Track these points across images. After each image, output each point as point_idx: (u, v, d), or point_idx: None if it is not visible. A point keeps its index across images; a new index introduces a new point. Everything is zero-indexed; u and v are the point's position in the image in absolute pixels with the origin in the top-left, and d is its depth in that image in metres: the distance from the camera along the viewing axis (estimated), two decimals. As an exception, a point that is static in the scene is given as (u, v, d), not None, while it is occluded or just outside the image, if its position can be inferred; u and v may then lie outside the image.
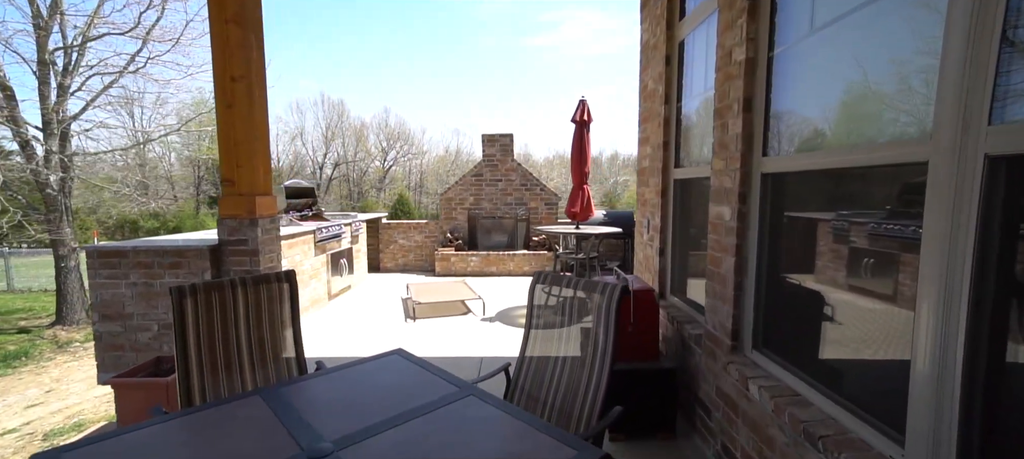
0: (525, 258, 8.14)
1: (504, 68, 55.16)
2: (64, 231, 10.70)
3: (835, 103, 1.83)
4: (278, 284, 2.19)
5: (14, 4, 10.29)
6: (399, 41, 53.89)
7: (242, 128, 3.77)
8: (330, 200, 47.05)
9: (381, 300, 6.36)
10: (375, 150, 50.27)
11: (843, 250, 1.79)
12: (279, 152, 46.25)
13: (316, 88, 58.17)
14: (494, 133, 8.45)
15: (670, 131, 3.40)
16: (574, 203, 5.46)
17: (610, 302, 1.89)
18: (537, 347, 2.16)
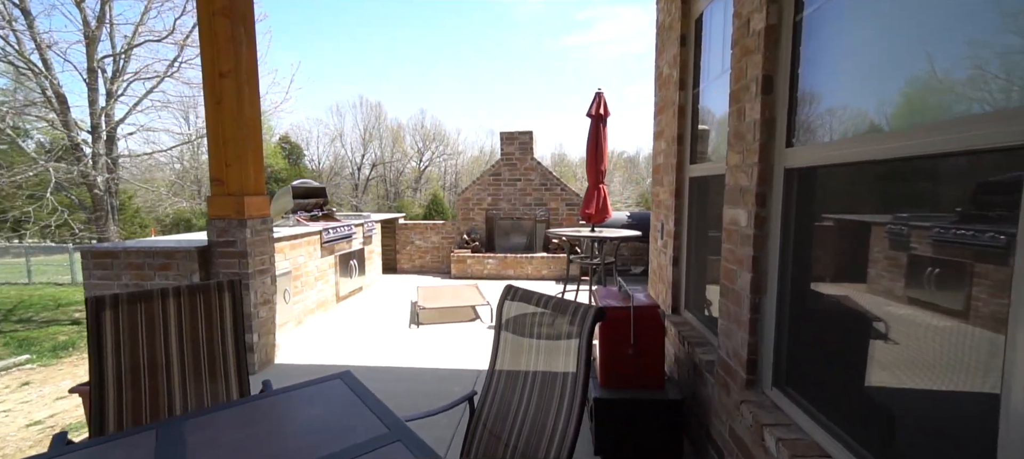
0: (544, 261, 7.77)
1: (539, 67, 54.80)
2: (109, 229, 11.27)
3: (885, 75, 1.40)
4: (218, 294, 1.96)
5: (66, 15, 10.93)
6: (435, 43, 54.54)
7: (231, 126, 3.63)
8: (367, 200, 48.31)
9: (390, 303, 6.18)
10: (411, 151, 51.18)
11: (898, 258, 1.35)
12: (319, 153, 47.90)
13: (355, 91, 59.83)
14: (513, 131, 8.13)
15: (685, 122, 2.97)
16: (589, 204, 5.06)
17: (582, 330, 1.53)
18: (503, 378, 1.83)
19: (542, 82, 54.60)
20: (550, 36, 55.68)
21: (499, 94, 54.07)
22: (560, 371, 1.60)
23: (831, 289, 1.65)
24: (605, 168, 5.10)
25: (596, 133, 5.00)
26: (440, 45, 55.26)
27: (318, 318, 5.42)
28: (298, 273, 5.06)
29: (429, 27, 55.24)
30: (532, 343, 1.74)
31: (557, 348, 1.62)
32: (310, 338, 4.73)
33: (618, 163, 50.20)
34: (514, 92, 54.45)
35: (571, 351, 1.55)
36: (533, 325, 1.75)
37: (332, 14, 52.88)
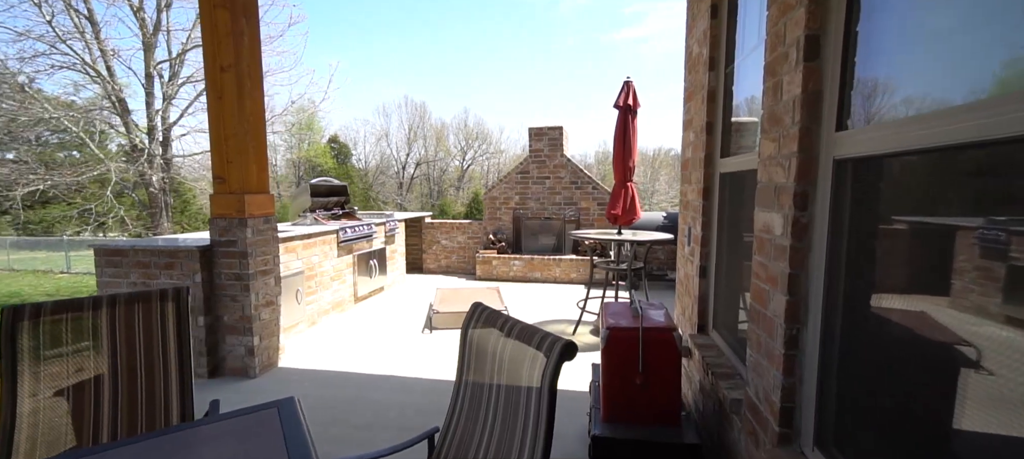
0: (572, 264, 7.35)
1: (587, 64, 53.91)
2: (163, 225, 11.94)
3: (985, 23, 0.95)
4: (161, 304, 1.76)
5: (127, 24, 11.65)
6: (479, 42, 54.88)
7: (232, 122, 3.52)
8: (411, 198, 49.45)
9: (410, 305, 6.00)
10: (454, 150, 51.94)
11: (996, 270, 0.91)
12: (366, 153, 49.59)
13: (401, 92, 61.35)
14: (542, 126, 7.76)
15: (715, 107, 2.51)
16: (615, 204, 4.62)
17: (546, 364, 1.18)
18: (462, 417, 1.50)
19: (589, 79, 53.61)
20: (598, 31, 54.50)
21: (544, 92, 53.65)
22: (520, 409, 1.26)
23: (899, 316, 1.20)
24: (634, 165, 4.63)
25: (624, 126, 4.55)
26: (483, 44, 55.53)
27: (333, 319, 5.32)
28: (312, 273, 4.96)
29: (472, 25, 55.65)
30: (492, 382, 1.40)
31: (517, 392, 1.28)
32: (321, 340, 4.61)
33: (664, 161, 48.40)
34: (560, 90, 53.83)
35: (532, 394, 1.21)
36: (495, 357, 1.41)
37: (377, 15, 54.41)
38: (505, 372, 1.35)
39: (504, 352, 1.37)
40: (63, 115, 10.73)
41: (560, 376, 1.21)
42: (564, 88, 54.01)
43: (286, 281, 4.50)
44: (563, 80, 54.31)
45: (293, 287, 4.64)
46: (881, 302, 1.25)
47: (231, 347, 3.67)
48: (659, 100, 49.37)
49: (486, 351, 1.45)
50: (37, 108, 10.30)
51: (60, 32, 9.95)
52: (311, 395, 3.39)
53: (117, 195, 12.04)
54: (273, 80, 12.93)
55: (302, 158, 43.08)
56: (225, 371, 3.71)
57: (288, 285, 4.54)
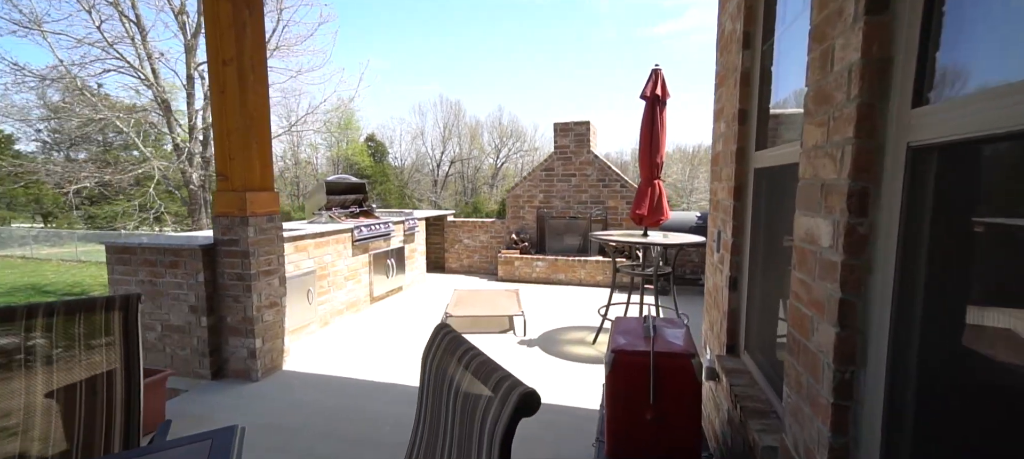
0: (598, 266, 6.97)
1: (624, 59, 52.73)
2: (202, 221, 12.40)
3: None
4: (106, 313, 1.60)
5: (169, 28, 12.14)
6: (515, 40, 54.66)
7: (234, 117, 3.41)
8: (446, 196, 50.00)
9: (427, 306, 5.82)
10: (488, 148, 52.16)
11: None
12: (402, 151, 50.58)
13: (436, 91, 62.06)
14: (568, 121, 7.41)
15: (750, 92, 2.13)
16: (640, 203, 4.23)
17: (498, 417, 0.89)
18: (422, 450, 1.24)
19: (627, 75, 52.37)
20: (636, 25, 53.11)
21: (580, 89, 52.87)
22: None
23: (1017, 367, 0.83)
24: (661, 160, 4.23)
25: (651, 118, 4.16)
26: (519, 41, 55.25)
27: (347, 320, 5.20)
28: (324, 272, 4.86)
29: (507, 22, 55.48)
30: (450, 421, 1.12)
31: (470, 440, 1.00)
32: (331, 342, 4.49)
33: (704, 158, 46.61)
34: (596, 86, 52.91)
35: (483, 446, 0.92)
36: (453, 393, 1.14)
37: (413, 14, 55.16)
38: (459, 413, 1.07)
39: (461, 387, 1.09)
40: (116, 117, 11.33)
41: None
42: (601, 84, 53.01)
43: (297, 281, 4.40)
44: (601, 77, 53.33)
45: (304, 287, 4.54)
46: (983, 344, 0.89)
47: (234, 349, 3.58)
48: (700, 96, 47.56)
49: (444, 384, 1.18)
50: (104, 111, 10.92)
51: (111, 38, 10.45)
52: (308, 401, 3.23)
53: (166, 193, 12.62)
54: (304, 79, 13.18)
55: (340, 156, 44.36)
56: (228, 373, 3.62)
57: (299, 285, 4.44)
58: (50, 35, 10.12)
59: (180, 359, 3.63)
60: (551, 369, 3.83)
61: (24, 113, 11.40)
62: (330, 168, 43.37)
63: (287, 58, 12.74)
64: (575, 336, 4.66)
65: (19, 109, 11.65)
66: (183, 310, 3.56)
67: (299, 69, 12.82)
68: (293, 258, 4.40)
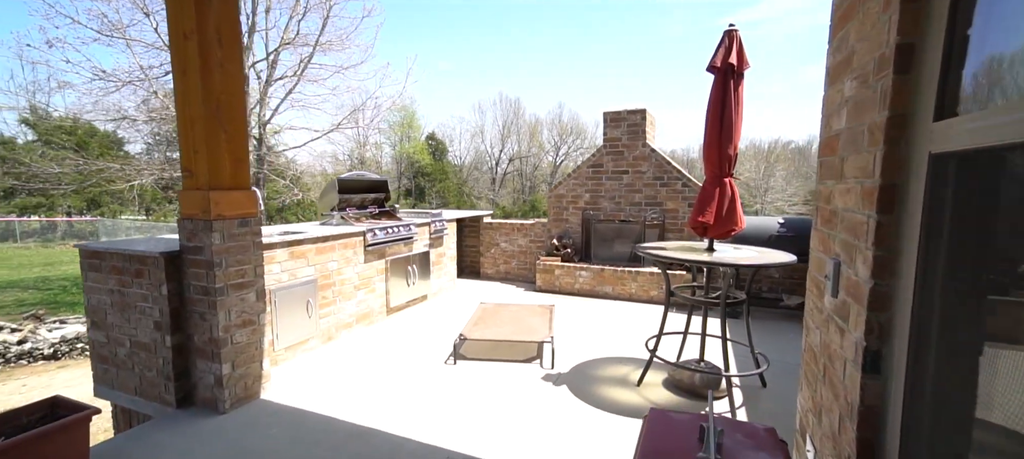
0: (653, 279, 5.91)
1: (695, 53, 49.63)
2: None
3: None
4: None
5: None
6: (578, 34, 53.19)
7: (196, 102, 2.86)
8: (503, 194, 49.84)
9: (450, 319, 5.13)
10: (548, 145, 51.38)
11: None
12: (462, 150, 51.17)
13: (496, 89, 62.07)
14: (620, 110, 6.39)
15: (925, 11, 1.13)
16: (704, 208, 3.21)
17: None
18: None
19: (698, 69, 49.18)
20: (708, 16, 49.59)
21: (645, 85, 50.40)
22: None
23: None
24: (735, 152, 3.18)
25: (722, 94, 3.12)
26: (581, 35, 53.64)
27: (356, 334, 4.62)
28: (328, 281, 4.30)
29: (570, 16, 54.04)
30: None
31: None
32: (331, 361, 3.91)
33: (781, 154, 42.61)
34: (664, 82, 50.17)
35: None
36: None
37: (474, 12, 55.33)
38: None
39: None
40: None
41: None
42: (670, 79, 50.18)
43: (293, 291, 3.86)
44: (670, 72, 50.50)
45: (303, 298, 4.00)
46: None
47: (201, 374, 3.06)
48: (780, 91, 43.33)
49: None
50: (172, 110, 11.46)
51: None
52: (273, 451, 2.61)
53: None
54: (351, 75, 13.07)
55: (402, 154, 45.56)
56: (197, 400, 3.12)
57: (295, 296, 3.90)
58: (131, 41, 10.67)
59: (148, 380, 3.18)
60: (579, 420, 2.95)
61: (121, 112, 12.09)
62: (394, 167, 44.63)
63: (335, 54, 12.68)
64: (616, 372, 3.73)
65: (119, 109, 12.37)
66: (149, 326, 3.10)
67: (341, 65, 12.70)
68: (289, 266, 3.87)
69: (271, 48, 12.39)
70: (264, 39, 12.51)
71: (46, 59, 10.32)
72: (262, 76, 12.71)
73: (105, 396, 3.44)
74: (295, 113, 21.13)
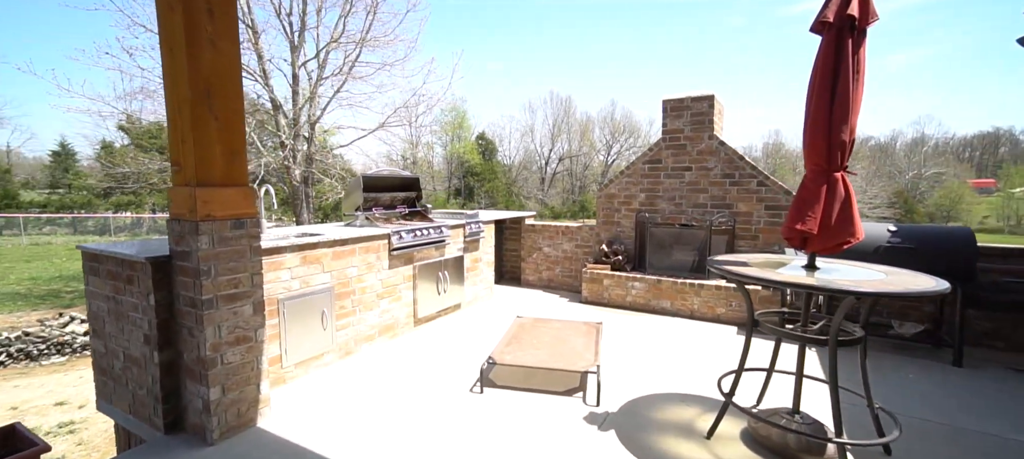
0: (720, 294, 5.04)
1: (759, 44, 46.35)
2: (304, 217, 12.86)
3: None
4: None
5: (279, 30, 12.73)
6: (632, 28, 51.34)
7: (183, 83, 2.48)
8: (553, 193, 49.04)
9: (485, 332, 4.58)
10: (599, 144, 50.06)
11: None
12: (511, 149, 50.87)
13: (547, 87, 61.26)
14: (682, 97, 5.55)
15: None
16: (804, 212, 2.41)
17: None
18: None
19: (758, 62, 45.85)
20: (770, 5, 46.17)
21: (703, 80, 47.70)
22: None
23: None
24: (851, 138, 2.36)
25: (834, 61, 2.31)
26: (635, 29, 51.74)
27: (378, 348, 4.18)
28: (346, 289, 3.87)
29: (622, 11, 52.28)
30: None
31: None
32: (348, 379, 3.47)
33: (860, 152, 38.76)
34: (723, 77, 47.23)
35: None
36: None
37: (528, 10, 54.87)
38: None
39: None
40: None
41: None
42: (729, 74, 47.16)
43: (305, 301, 3.46)
44: (731, 67, 47.50)
45: (317, 308, 3.59)
46: None
47: (191, 396, 2.69)
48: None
49: None
50: None
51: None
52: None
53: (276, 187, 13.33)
54: (396, 73, 12.93)
55: (453, 154, 46.00)
56: (186, 426, 2.75)
57: (309, 305, 3.50)
58: None
59: (139, 399, 2.86)
60: (631, 490, 2.27)
61: None
62: (445, 167, 45.16)
63: (380, 50, 12.58)
64: (679, 416, 3.00)
65: None
66: (139, 339, 2.77)
67: (386, 61, 12.57)
68: (301, 272, 3.47)
69: (321, 46, 12.49)
70: (315, 38, 12.66)
71: (121, 65, 10.87)
72: (313, 75, 12.87)
73: (106, 411, 3.18)
74: (342, 112, 21.49)
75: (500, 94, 51.63)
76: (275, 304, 3.30)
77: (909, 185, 41.17)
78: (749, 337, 2.65)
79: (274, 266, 3.27)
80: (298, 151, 12.30)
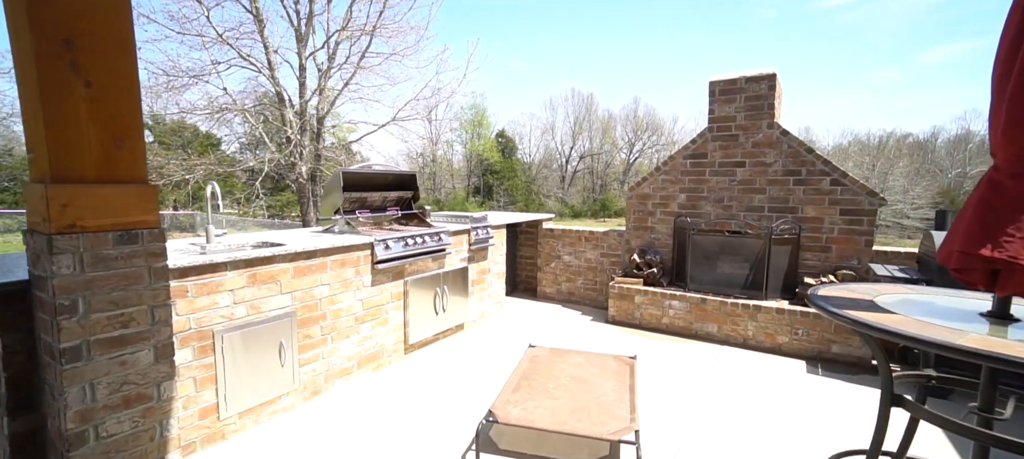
0: (782, 319, 4.06)
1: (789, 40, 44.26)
2: (309, 214, 12.24)
3: None
4: None
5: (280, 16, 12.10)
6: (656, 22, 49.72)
7: (24, 30, 1.68)
8: (573, 192, 47.97)
9: (490, 360, 3.72)
10: (621, 142, 48.81)
11: None
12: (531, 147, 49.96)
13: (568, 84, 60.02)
14: (735, 77, 4.57)
15: None
16: (992, 230, 1.48)
17: None
18: None
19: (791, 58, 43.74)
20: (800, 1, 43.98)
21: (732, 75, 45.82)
22: None
23: None
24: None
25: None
26: (660, 23, 50.07)
27: (356, 385, 3.36)
28: (313, 313, 3.06)
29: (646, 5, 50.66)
30: None
31: None
32: (307, 431, 2.65)
33: (899, 149, 36.58)
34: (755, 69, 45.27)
35: None
36: None
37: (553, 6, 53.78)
38: None
39: None
40: (245, 109, 11.69)
41: None
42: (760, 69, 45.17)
43: (254, 332, 2.67)
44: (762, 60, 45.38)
45: (272, 339, 2.79)
46: None
47: (62, 479, 1.90)
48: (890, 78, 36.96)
49: None
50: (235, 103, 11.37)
51: (225, 29, 10.53)
52: None
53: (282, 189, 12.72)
54: (407, 64, 12.18)
55: (472, 152, 45.37)
56: (60, 519, 1.97)
57: (260, 337, 2.71)
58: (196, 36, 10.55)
59: (7, 474, 2.10)
60: None
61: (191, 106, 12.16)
62: (465, 165, 44.53)
63: (391, 41, 11.84)
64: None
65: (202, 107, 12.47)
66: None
67: (396, 50, 11.81)
68: (248, 295, 2.67)
69: (329, 35, 11.80)
70: (325, 26, 11.98)
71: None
72: (322, 67, 12.22)
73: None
74: (353, 106, 21.03)
75: (521, 92, 50.67)
76: (210, 338, 2.50)
77: (953, 183, 38.54)
78: (885, 418, 1.71)
79: (208, 288, 2.47)
80: (305, 147, 11.68)
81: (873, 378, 3.51)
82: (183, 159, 12.24)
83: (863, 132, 41.55)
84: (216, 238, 3.04)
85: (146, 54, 10.64)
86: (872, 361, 3.70)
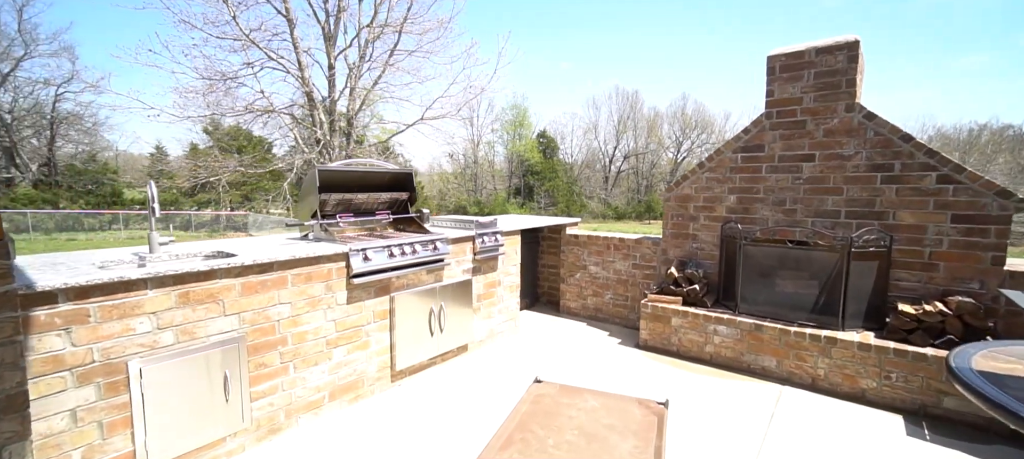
0: (867, 357, 3.15)
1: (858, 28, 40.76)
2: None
3: None
4: None
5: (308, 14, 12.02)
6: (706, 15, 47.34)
7: None
8: (617, 193, 46.49)
9: (493, 393, 3.11)
10: (668, 141, 46.83)
11: None
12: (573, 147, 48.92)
13: (611, 82, 58.41)
14: (802, 49, 3.69)
15: None
16: None
17: None
18: None
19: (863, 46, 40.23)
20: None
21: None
22: None
23: None
24: None
25: None
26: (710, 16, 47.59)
27: (330, 418, 2.85)
28: (270, 338, 2.57)
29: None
30: None
31: None
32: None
33: (998, 141, 32.54)
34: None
35: None
36: None
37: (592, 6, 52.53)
38: None
39: None
40: (261, 113, 11.77)
41: None
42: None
43: (188, 361, 2.20)
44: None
45: (213, 370, 2.32)
46: None
47: None
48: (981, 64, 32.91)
49: None
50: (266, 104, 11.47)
51: (256, 32, 10.55)
52: None
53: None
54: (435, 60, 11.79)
55: (513, 153, 45.00)
56: None
57: (196, 368, 2.24)
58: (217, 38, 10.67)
59: None
60: None
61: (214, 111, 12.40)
62: (506, 166, 44.29)
63: (418, 37, 11.49)
64: None
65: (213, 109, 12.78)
66: None
67: (422, 46, 11.43)
68: (176, 318, 2.20)
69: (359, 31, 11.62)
70: (356, 23, 11.83)
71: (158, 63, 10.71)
72: (352, 66, 12.08)
73: None
74: (383, 106, 21.32)
75: (563, 92, 49.72)
76: (123, 372, 2.05)
77: (1004, 179, 33.78)
78: None
79: (120, 312, 2.02)
80: (334, 147, 11.56)
81: (1011, 449, 2.57)
82: (216, 162, 12.45)
83: (949, 125, 37.16)
84: (161, 247, 2.61)
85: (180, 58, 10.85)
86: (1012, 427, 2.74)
